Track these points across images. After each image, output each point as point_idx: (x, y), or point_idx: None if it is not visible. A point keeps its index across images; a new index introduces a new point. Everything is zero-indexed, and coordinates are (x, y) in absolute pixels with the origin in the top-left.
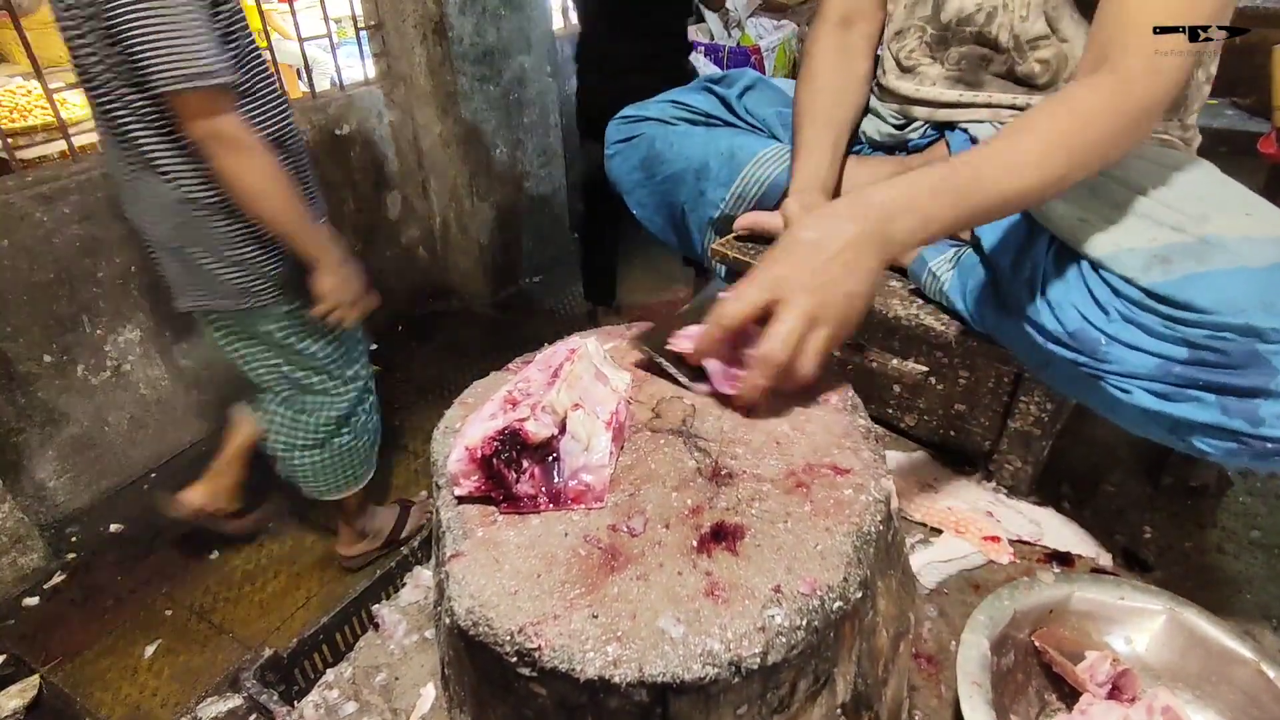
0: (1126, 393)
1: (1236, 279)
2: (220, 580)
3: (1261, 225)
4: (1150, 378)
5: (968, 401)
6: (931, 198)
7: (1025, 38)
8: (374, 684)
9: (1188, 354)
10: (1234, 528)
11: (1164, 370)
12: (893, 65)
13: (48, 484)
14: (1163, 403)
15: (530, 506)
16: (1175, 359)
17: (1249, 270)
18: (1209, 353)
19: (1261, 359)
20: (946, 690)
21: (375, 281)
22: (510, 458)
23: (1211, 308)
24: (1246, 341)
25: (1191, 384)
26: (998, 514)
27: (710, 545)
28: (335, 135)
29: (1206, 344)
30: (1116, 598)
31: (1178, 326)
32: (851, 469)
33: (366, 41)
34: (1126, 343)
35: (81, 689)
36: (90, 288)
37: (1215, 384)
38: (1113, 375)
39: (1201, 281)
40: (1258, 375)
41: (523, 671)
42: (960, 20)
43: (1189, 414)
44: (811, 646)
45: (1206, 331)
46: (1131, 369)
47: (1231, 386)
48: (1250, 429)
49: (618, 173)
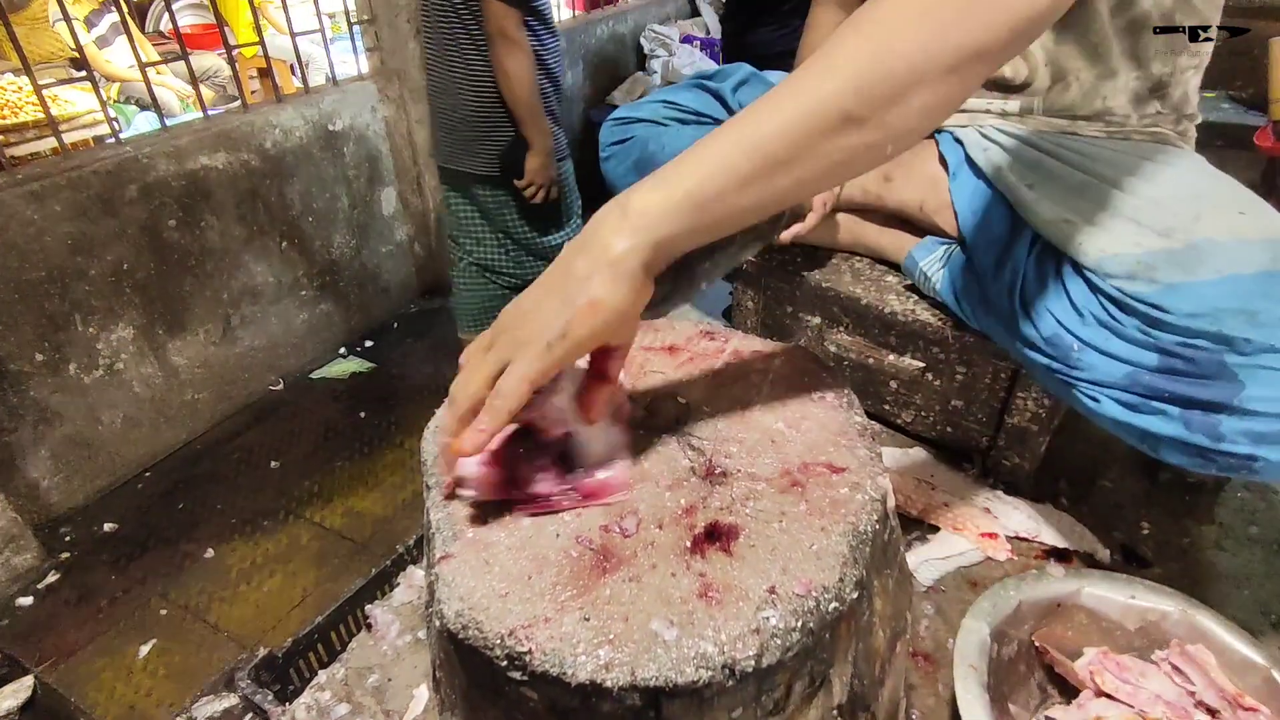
0: (1096, 401)
1: (1222, 287)
2: (215, 579)
3: (1255, 226)
4: (1119, 387)
5: (965, 397)
6: (675, 165)
7: None
8: (366, 685)
9: (1158, 361)
10: (1232, 524)
11: (1132, 380)
12: None
13: (41, 483)
14: (1130, 413)
15: (548, 505)
16: (1145, 366)
17: (1236, 277)
18: (1179, 360)
19: (1228, 371)
20: (944, 689)
21: (369, 278)
22: (526, 455)
23: (1188, 312)
24: (1217, 350)
25: (1158, 395)
26: (995, 510)
27: (704, 546)
28: (329, 130)
29: (1177, 351)
30: (1127, 596)
31: (1153, 331)
32: (847, 467)
33: (360, 36)
34: (1099, 349)
35: (76, 689)
36: (82, 286)
37: (1180, 396)
38: (1084, 383)
39: (1184, 290)
40: (1222, 389)
41: (513, 675)
42: None
43: (1153, 426)
44: (807, 648)
45: (1179, 338)
46: (1101, 377)
47: (1196, 400)
48: (1211, 444)
49: (613, 175)
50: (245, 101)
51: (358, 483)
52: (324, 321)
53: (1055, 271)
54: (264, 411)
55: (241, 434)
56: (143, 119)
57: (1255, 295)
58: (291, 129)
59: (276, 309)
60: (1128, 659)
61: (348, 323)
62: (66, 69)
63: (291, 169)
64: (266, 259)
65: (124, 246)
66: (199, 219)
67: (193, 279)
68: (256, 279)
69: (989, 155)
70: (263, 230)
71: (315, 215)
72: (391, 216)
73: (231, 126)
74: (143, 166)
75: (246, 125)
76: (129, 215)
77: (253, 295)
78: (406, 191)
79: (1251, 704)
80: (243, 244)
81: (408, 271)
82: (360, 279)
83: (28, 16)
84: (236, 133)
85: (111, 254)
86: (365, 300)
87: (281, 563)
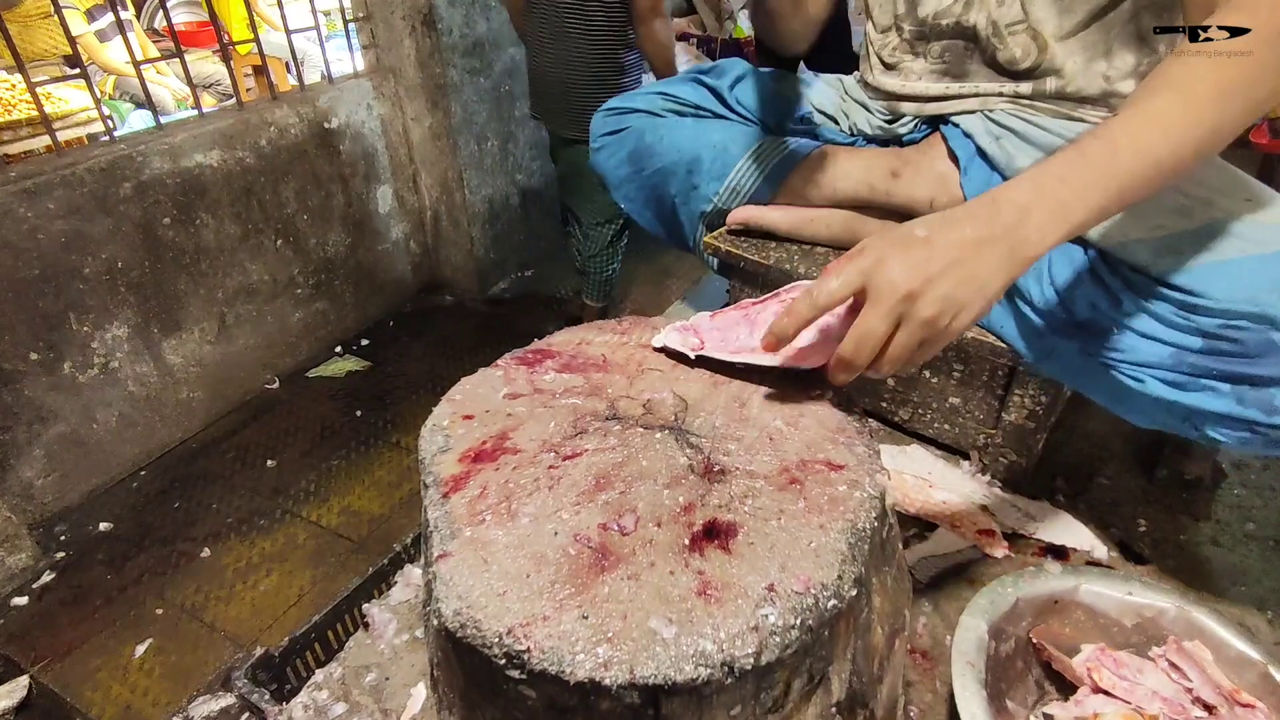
0: (1140, 381)
1: (1248, 266)
2: (211, 578)
3: (1266, 210)
4: (1164, 367)
5: (962, 395)
6: (1063, 183)
7: (1002, 23)
8: (364, 684)
9: (1202, 344)
10: (1228, 520)
11: (1178, 359)
12: (877, 63)
13: (36, 483)
14: (1176, 392)
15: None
16: (1190, 348)
17: (1261, 256)
18: (1224, 342)
19: (1277, 347)
20: (941, 686)
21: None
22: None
23: (1225, 297)
24: (1261, 330)
25: (1206, 373)
26: (992, 508)
27: (702, 543)
28: (324, 128)
29: (1221, 333)
30: (1124, 593)
31: (1191, 316)
32: (845, 465)
33: (355, 34)
34: (1140, 331)
35: (71, 689)
36: (76, 284)
37: (1230, 373)
38: (1126, 364)
39: (1214, 270)
40: (1273, 364)
41: (512, 674)
42: (938, 14)
43: (1203, 403)
44: (806, 646)
45: (1220, 321)
46: (1144, 358)
47: (1247, 375)
48: (1265, 418)
49: (604, 166)
50: (240, 99)
51: (354, 481)
52: (320, 320)
53: (1084, 258)
54: (260, 410)
55: (237, 433)
56: (137, 116)
57: None
58: (287, 127)
59: (272, 307)
60: (1125, 655)
61: (344, 321)
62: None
63: (287, 167)
64: (262, 257)
65: (118, 245)
66: (194, 217)
67: (188, 277)
68: (252, 277)
69: (1002, 144)
70: (258, 228)
71: (311, 213)
72: (387, 214)
73: (226, 124)
74: (137, 164)
75: (241, 123)
76: (123, 213)
77: (248, 293)
78: (402, 189)
79: (1248, 700)
80: (238, 242)
81: (404, 269)
82: (356, 277)
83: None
84: (231, 130)
85: (106, 252)
86: (361, 298)
87: (278, 562)
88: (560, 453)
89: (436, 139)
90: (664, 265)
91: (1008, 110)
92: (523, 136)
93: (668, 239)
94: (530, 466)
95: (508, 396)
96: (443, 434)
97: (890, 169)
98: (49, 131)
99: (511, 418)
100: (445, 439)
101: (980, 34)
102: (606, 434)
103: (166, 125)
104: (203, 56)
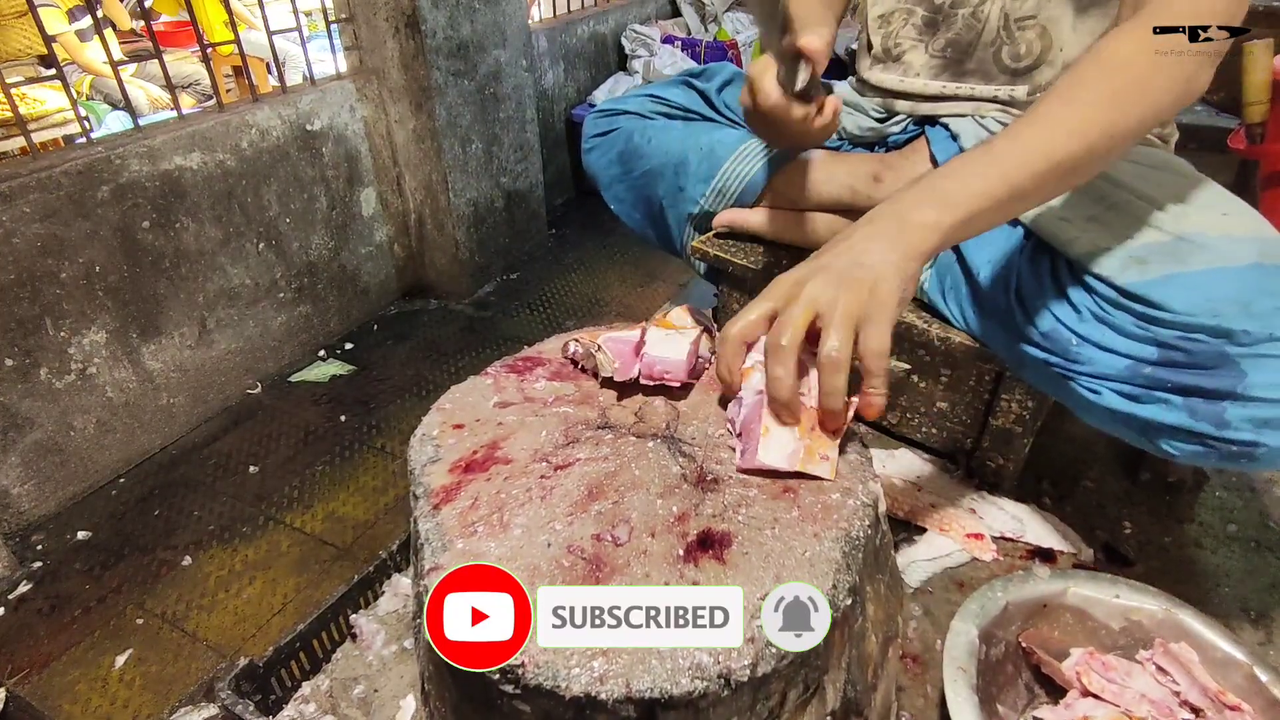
0: (1096, 394)
1: (1214, 278)
2: (193, 587)
3: (1239, 224)
4: (1120, 379)
5: (949, 400)
6: (950, 175)
7: (1015, 16)
8: (352, 696)
9: (1157, 354)
10: (1211, 522)
11: (1133, 371)
12: (875, 55)
13: (11, 491)
14: (1131, 404)
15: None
16: (1145, 359)
17: (1228, 270)
18: (1178, 353)
19: (1230, 360)
20: (932, 690)
21: (349, 280)
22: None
23: (1185, 309)
24: (1217, 343)
25: (1160, 385)
26: (980, 511)
27: (697, 554)
28: (306, 130)
29: (1176, 344)
30: (1111, 596)
31: (1150, 326)
32: (839, 472)
33: (338, 35)
34: (1097, 343)
35: (50, 701)
36: (52, 289)
37: (1183, 385)
38: (1083, 376)
39: (1178, 282)
40: (1225, 377)
41: (506, 689)
42: (954, 2)
43: (1156, 416)
44: (801, 656)
45: (1177, 332)
46: (1102, 370)
47: (1199, 388)
48: (1215, 431)
49: (595, 166)
50: (220, 101)
51: (338, 487)
52: (302, 324)
53: (1050, 268)
54: (242, 415)
55: (219, 439)
56: (114, 118)
57: (1247, 288)
58: (268, 129)
59: (254, 311)
60: (1113, 659)
61: (327, 325)
62: (35, 67)
63: (268, 169)
64: (243, 261)
65: (96, 249)
66: (173, 220)
67: (167, 281)
68: (233, 281)
69: None
70: (239, 232)
71: (293, 216)
72: (371, 218)
73: (206, 126)
74: (115, 167)
75: (222, 125)
76: (101, 217)
77: (229, 298)
78: (386, 192)
79: (1234, 702)
80: (219, 246)
81: (388, 273)
82: (339, 281)
83: None
84: (212, 132)
85: (83, 256)
86: (344, 302)
87: (261, 569)
88: (552, 462)
89: (420, 141)
90: (650, 269)
91: (997, 119)
92: (507, 139)
93: (657, 242)
94: (522, 477)
95: (498, 405)
96: (432, 444)
97: (873, 173)
98: (24, 133)
99: (502, 427)
100: (435, 449)
101: (992, 26)
102: (599, 443)
103: (145, 127)
104: (182, 57)
